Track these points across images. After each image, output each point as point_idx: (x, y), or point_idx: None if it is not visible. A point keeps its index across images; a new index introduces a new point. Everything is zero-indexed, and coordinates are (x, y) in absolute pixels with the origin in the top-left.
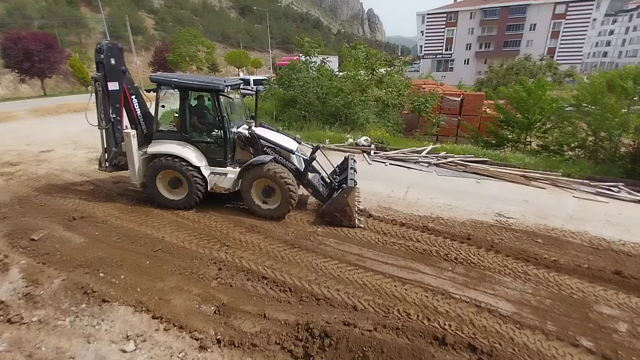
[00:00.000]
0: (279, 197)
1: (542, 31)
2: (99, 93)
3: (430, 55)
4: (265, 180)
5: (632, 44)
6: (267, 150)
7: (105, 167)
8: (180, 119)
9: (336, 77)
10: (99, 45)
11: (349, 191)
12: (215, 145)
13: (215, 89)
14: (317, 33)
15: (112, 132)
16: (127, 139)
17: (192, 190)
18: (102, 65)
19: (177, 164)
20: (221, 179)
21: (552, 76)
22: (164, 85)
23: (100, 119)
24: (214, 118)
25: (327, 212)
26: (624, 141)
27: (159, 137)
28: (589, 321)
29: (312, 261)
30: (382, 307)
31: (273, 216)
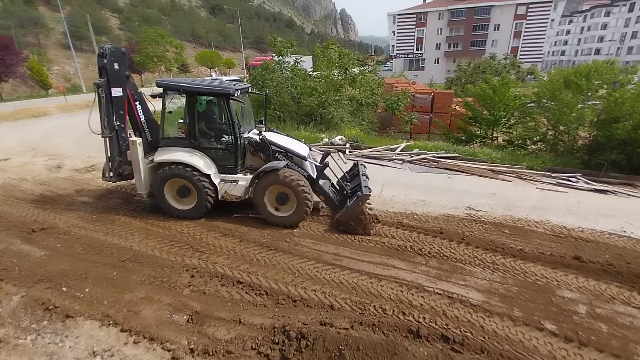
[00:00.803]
0: (294, 204)
1: (506, 31)
2: (102, 99)
3: (402, 55)
4: (279, 187)
5: (587, 43)
6: (279, 156)
7: (110, 177)
8: (189, 125)
9: (310, 77)
10: (102, 50)
11: (364, 199)
12: (226, 152)
13: (226, 93)
14: (290, 33)
15: (116, 140)
16: (133, 147)
17: (201, 199)
18: (106, 70)
19: (186, 172)
20: (232, 187)
21: (515, 74)
22: (171, 91)
23: (103, 127)
24: (223, 123)
25: (342, 220)
26: (581, 134)
27: (165, 145)
28: (552, 305)
29: (288, 263)
30: (359, 304)
31: (287, 224)
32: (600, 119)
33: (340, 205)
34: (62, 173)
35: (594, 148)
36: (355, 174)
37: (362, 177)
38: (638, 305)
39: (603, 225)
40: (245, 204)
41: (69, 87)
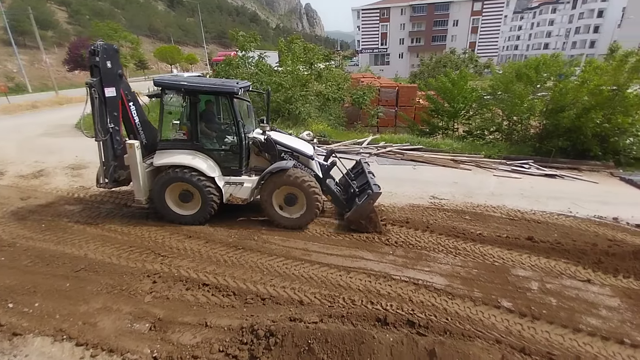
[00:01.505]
0: (303, 204)
1: (464, 27)
2: (95, 100)
3: (368, 50)
4: (288, 188)
5: (537, 38)
6: (285, 155)
7: (105, 184)
8: (191, 126)
9: (276, 73)
10: (93, 47)
11: (375, 197)
12: (230, 153)
13: (230, 91)
14: (254, 27)
15: (111, 143)
16: (131, 150)
17: (206, 203)
18: (98, 69)
19: (189, 175)
20: (237, 189)
21: (473, 68)
22: (170, 90)
23: (97, 130)
24: (222, 123)
25: (353, 219)
26: (532, 123)
27: (164, 147)
28: (508, 284)
29: (257, 261)
30: (328, 297)
31: (296, 225)
32: (549, 108)
33: (348, 204)
34: (4, 180)
35: (544, 136)
36: (359, 172)
37: (369, 175)
38: (582, 279)
39: (552, 207)
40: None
41: (12, 87)
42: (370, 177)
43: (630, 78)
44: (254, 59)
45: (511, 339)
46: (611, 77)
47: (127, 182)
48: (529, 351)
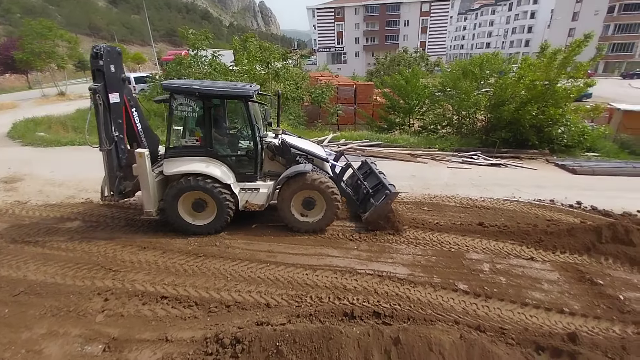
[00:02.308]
0: (322, 208)
1: (414, 27)
2: (99, 107)
3: (325, 49)
4: (306, 192)
5: (479, 37)
6: (300, 159)
7: (111, 197)
8: (205, 132)
9: (231, 72)
10: (97, 49)
11: (393, 197)
12: (245, 159)
13: (246, 95)
14: (206, 25)
15: (116, 153)
16: (141, 159)
17: (222, 212)
18: (102, 73)
19: (204, 184)
20: (253, 195)
21: (425, 66)
22: (180, 94)
23: (102, 139)
24: (234, 128)
25: (372, 220)
26: (479, 117)
27: (173, 155)
28: (463, 268)
29: (219, 267)
30: (295, 297)
31: (315, 229)
32: (492, 103)
33: (361, 205)
34: None
35: (489, 128)
36: (368, 172)
37: (380, 175)
38: (527, 257)
39: (499, 193)
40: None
41: None
42: (382, 177)
43: (559, 73)
44: (207, 58)
45: (468, 318)
46: (543, 73)
47: (132, 193)
48: (484, 328)
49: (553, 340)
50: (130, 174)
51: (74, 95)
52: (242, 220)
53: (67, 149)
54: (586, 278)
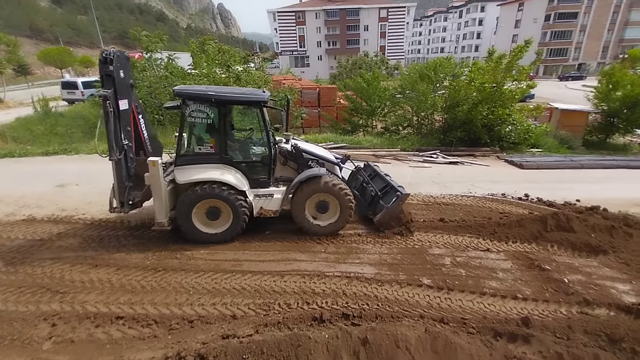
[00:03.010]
0: (336, 211)
1: (374, 31)
2: (109, 114)
3: (287, 52)
4: (320, 195)
5: (434, 42)
6: (312, 163)
7: (120, 208)
8: (220, 139)
9: (189, 75)
10: (106, 54)
11: (404, 198)
12: (259, 164)
13: (262, 100)
14: (162, 27)
15: (125, 162)
16: (154, 168)
17: (238, 219)
18: (112, 79)
19: (221, 191)
20: (267, 202)
21: (385, 69)
22: (195, 100)
23: (112, 148)
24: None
25: (383, 221)
26: (436, 118)
27: (185, 163)
28: (427, 263)
29: (181, 281)
30: (263, 306)
31: (331, 232)
32: (447, 104)
33: (370, 207)
34: None
35: (446, 128)
36: (372, 175)
37: (386, 177)
38: (483, 249)
39: (457, 190)
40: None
41: None
42: (389, 179)
43: (505, 76)
44: (162, 61)
45: (432, 312)
46: (491, 76)
47: (140, 204)
48: (447, 320)
49: (509, 325)
50: (138, 184)
51: (13, 103)
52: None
53: (6, 161)
54: (535, 265)
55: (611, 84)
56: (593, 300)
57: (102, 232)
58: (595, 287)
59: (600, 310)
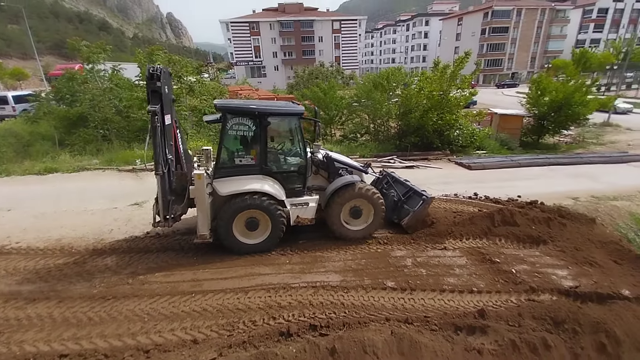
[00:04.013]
0: (369, 216)
1: (328, 43)
2: (157, 129)
3: (243, 62)
4: (354, 201)
5: (385, 53)
6: (342, 172)
7: (165, 222)
8: (260, 150)
9: (138, 87)
10: (152, 70)
11: (430, 202)
12: (295, 174)
13: (299, 112)
14: (105, 36)
15: (168, 176)
16: (200, 181)
17: (276, 229)
18: (159, 94)
19: (261, 201)
20: (303, 210)
21: (341, 79)
22: (236, 114)
23: (159, 163)
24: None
25: (411, 224)
26: (392, 125)
27: (223, 175)
28: (390, 266)
29: (134, 308)
30: (226, 326)
31: (365, 236)
32: (401, 112)
33: (394, 212)
34: None
35: (401, 134)
36: (390, 182)
37: (406, 182)
38: (441, 247)
39: None
40: None
41: None
42: (411, 184)
43: (450, 85)
44: (107, 73)
45: (397, 313)
46: (437, 84)
47: (179, 218)
48: (411, 320)
49: (467, 319)
50: (179, 198)
51: None
52: (160, 254)
53: None
54: (487, 259)
55: (539, 90)
56: (538, 287)
57: (40, 261)
58: (539, 275)
59: (544, 295)
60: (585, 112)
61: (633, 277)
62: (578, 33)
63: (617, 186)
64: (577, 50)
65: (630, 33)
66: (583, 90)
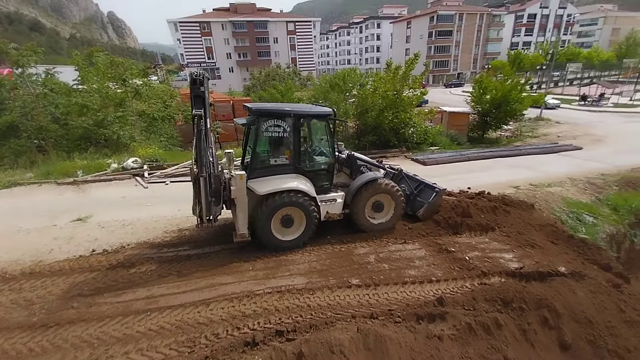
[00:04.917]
0: (390, 209)
1: (283, 44)
2: (201, 133)
3: (195, 64)
4: (376, 196)
5: (341, 55)
6: (363, 169)
7: (208, 222)
8: (294, 150)
9: (76, 92)
10: (196, 75)
11: (443, 193)
12: (324, 172)
13: (329, 113)
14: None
15: (209, 178)
16: (241, 182)
17: (310, 225)
18: (202, 99)
19: (297, 198)
20: (332, 206)
21: (298, 80)
22: (272, 117)
23: (203, 164)
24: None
25: (427, 215)
26: (350, 124)
27: (258, 175)
28: (353, 264)
29: (81, 334)
30: (187, 342)
31: (388, 228)
32: (358, 111)
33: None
34: None
35: (359, 133)
36: (403, 177)
37: (415, 176)
38: (401, 242)
39: None
40: None
41: None
42: (420, 178)
43: (402, 85)
44: (39, 77)
45: (363, 310)
46: (391, 85)
47: (216, 219)
48: (376, 314)
49: (428, 307)
50: (217, 199)
51: None
52: (109, 272)
53: None
54: (443, 249)
55: (481, 89)
56: (488, 271)
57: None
58: (489, 260)
59: (494, 279)
60: (521, 108)
61: (567, 254)
62: (512, 36)
63: (551, 174)
64: (511, 52)
65: (555, 36)
66: (518, 88)
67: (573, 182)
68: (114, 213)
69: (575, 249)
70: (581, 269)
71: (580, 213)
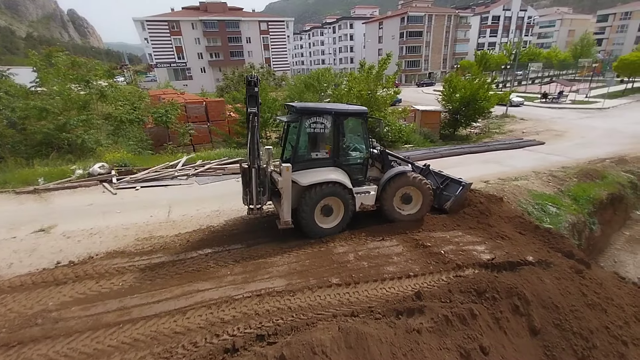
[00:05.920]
0: (418, 201)
1: (257, 43)
2: (255, 129)
3: (164, 64)
4: (405, 189)
5: (315, 55)
6: (393, 163)
7: (257, 210)
8: (334, 145)
9: (35, 95)
10: (251, 77)
11: (469, 187)
12: (359, 166)
13: (365, 112)
14: None
15: (257, 170)
16: (287, 173)
17: (347, 214)
18: (255, 98)
19: (338, 189)
20: (365, 197)
21: (273, 81)
22: (314, 115)
23: (255, 157)
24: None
25: (454, 208)
26: None
27: (301, 168)
28: (333, 263)
29: (47, 352)
30: (163, 354)
31: (417, 218)
32: None
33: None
34: None
35: None
36: (430, 172)
37: (440, 172)
38: (379, 239)
39: None
40: None
41: None
42: (446, 174)
43: (376, 84)
44: None
45: (344, 308)
46: (365, 84)
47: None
48: (357, 312)
49: (406, 302)
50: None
51: None
52: (76, 284)
53: None
54: (420, 244)
55: (451, 88)
56: (463, 263)
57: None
58: (463, 253)
59: (468, 270)
60: (488, 106)
61: (534, 244)
62: (478, 37)
63: (517, 168)
64: (478, 52)
65: (517, 37)
66: (485, 87)
67: (537, 175)
68: (80, 222)
69: (541, 238)
70: (547, 257)
71: (545, 204)
